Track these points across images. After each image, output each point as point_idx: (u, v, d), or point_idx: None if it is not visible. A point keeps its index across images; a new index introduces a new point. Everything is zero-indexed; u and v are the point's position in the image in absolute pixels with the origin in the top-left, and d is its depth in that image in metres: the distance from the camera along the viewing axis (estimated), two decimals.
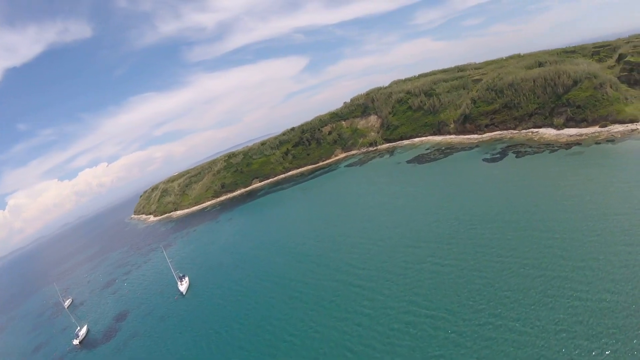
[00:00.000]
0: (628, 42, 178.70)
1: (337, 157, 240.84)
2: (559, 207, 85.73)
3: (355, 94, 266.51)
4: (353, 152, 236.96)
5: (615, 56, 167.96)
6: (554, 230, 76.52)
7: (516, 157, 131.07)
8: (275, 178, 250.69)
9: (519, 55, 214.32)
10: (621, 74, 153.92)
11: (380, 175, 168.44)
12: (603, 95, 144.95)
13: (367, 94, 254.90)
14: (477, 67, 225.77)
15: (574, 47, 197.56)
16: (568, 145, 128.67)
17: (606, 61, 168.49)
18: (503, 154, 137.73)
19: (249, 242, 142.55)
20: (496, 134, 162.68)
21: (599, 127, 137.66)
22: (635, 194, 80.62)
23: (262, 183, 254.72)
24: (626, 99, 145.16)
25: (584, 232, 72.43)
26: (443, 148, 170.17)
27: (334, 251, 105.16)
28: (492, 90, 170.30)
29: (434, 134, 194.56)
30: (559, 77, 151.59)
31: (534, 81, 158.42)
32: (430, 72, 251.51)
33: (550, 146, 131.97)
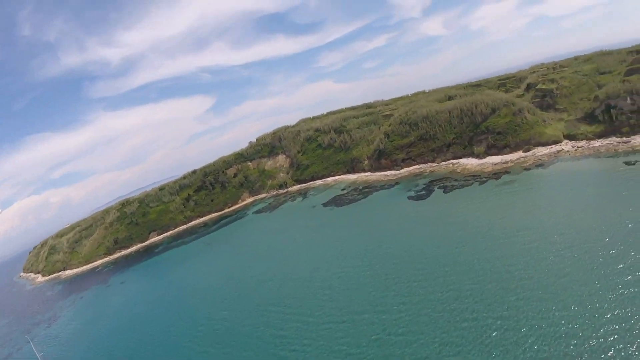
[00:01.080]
0: (533, 72, 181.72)
1: (244, 202, 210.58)
2: (497, 245, 74.12)
3: (260, 135, 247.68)
4: (262, 195, 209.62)
5: (524, 85, 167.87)
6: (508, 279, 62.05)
7: (444, 192, 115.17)
8: (176, 230, 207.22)
9: (424, 92, 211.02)
10: (533, 100, 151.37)
11: (294, 223, 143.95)
12: (522, 119, 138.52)
13: (274, 132, 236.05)
14: (385, 103, 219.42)
15: (479, 80, 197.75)
16: (496, 174, 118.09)
17: (513, 91, 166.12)
18: (428, 189, 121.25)
19: (143, 314, 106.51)
20: (414, 168, 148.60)
21: (523, 151, 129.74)
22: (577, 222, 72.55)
23: (161, 236, 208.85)
24: (544, 121, 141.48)
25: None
26: (360, 187, 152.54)
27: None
28: (405, 123, 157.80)
29: (348, 172, 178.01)
30: (476, 107, 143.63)
31: (449, 112, 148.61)
32: (338, 109, 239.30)
33: (477, 177, 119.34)
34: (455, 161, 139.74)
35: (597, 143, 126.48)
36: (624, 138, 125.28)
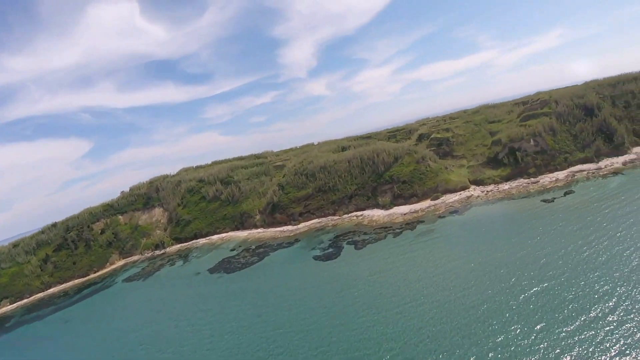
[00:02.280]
0: (423, 124, 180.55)
1: (113, 266, 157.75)
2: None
3: (135, 184, 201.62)
4: (134, 257, 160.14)
5: (415, 136, 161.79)
6: None
7: (355, 248, 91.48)
8: (32, 298, 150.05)
9: (312, 144, 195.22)
10: (430, 149, 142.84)
11: (172, 298, 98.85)
12: (426, 167, 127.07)
13: (151, 182, 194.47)
14: (275, 154, 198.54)
15: (369, 133, 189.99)
16: (410, 224, 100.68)
17: (405, 142, 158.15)
18: (337, 246, 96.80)
19: None
20: (314, 222, 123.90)
21: (432, 200, 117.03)
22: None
23: (14, 305, 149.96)
24: (446, 168, 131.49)
25: None
26: (253, 247, 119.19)
27: None
28: (301, 174, 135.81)
29: (237, 228, 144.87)
30: (377, 156, 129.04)
31: (349, 162, 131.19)
32: (224, 159, 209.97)
33: (389, 229, 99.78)
34: (359, 213, 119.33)
35: (506, 186, 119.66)
36: (532, 178, 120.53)
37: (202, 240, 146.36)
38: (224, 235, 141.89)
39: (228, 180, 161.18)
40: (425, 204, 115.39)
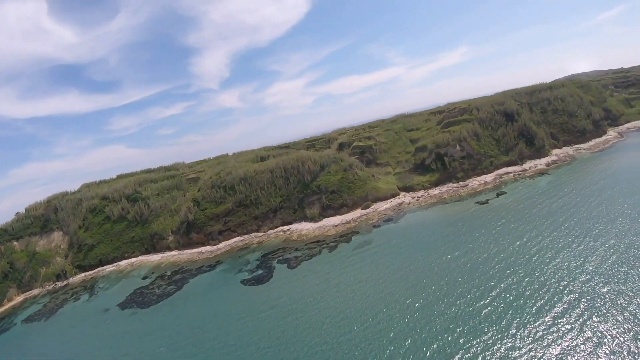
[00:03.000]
0: (342, 133, 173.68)
1: (11, 303, 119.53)
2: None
3: (31, 204, 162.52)
4: (35, 291, 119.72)
5: (335, 145, 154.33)
6: None
7: (288, 267, 77.55)
8: None
9: (227, 155, 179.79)
10: (353, 157, 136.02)
11: (79, 342, 74.08)
12: (354, 176, 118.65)
13: (49, 201, 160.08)
14: (188, 165, 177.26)
15: (287, 143, 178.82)
16: (345, 236, 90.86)
17: (325, 151, 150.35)
18: (266, 266, 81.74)
19: None
20: (237, 241, 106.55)
21: (362, 209, 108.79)
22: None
23: None
24: (373, 175, 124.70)
25: None
26: (169, 273, 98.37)
27: None
28: (219, 187, 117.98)
29: (148, 252, 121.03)
30: (302, 165, 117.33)
31: (271, 172, 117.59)
32: (131, 172, 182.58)
33: (322, 243, 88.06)
34: (286, 228, 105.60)
35: (436, 191, 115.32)
36: (461, 182, 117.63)
37: (109, 268, 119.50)
38: (133, 260, 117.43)
39: (135, 197, 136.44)
40: (357, 213, 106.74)
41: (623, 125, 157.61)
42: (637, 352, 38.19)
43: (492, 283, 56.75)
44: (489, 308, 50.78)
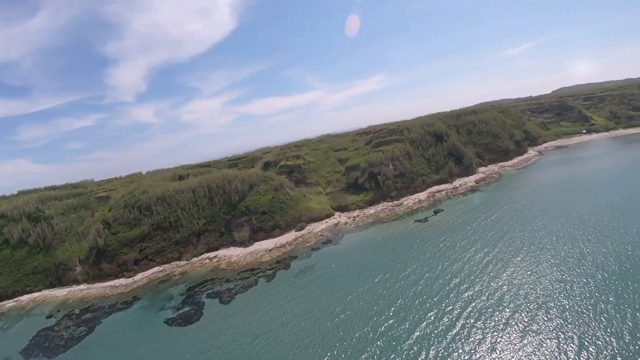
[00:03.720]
0: (267, 152, 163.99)
1: None
2: None
3: None
4: None
5: (260, 164, 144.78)
6: None
7: (221, 301, 64.20)
8: None
9: (140, 174, 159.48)
10: (281, 176, 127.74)
11: None
12: (286, 196, 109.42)
13: None
14: (97, 183, 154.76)
15: (207, 162, 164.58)
16: (281, 262, 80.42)
17: (249, 170, 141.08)
18: (194, 302, 67.18)
19: None
20: (156, 271, 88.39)
21: (296, 230, 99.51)
22: None
23: None
24: (304, 195, 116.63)
25: None
26: (77, 311, 77.93)
27: None
28: (133, 207, 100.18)
29: (53, 285, 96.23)
30: (229, 184, 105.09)
31: (193, 192, 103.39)
32: (33, 189, 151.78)
33: (257, 271, 76.12)
34: (212, 254, 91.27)
35: (372, 210, 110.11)
36: (395, 201, 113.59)
37: (8, 304, 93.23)
38: (36, 295, 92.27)
39: (37, 216, 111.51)
40: (292, 235, 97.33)
41: (542, 145, 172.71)
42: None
43: (448, 304, 53.26)
44: (454, 329, 47.46)
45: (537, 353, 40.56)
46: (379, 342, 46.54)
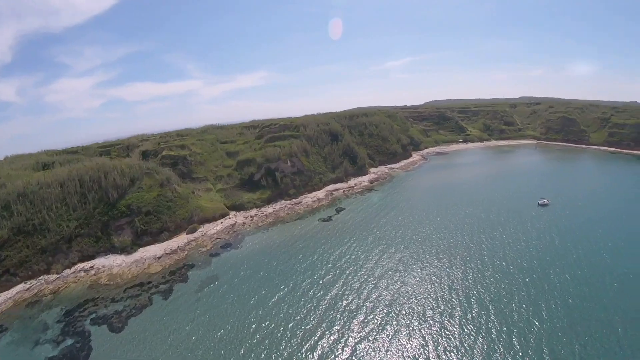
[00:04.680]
0: (145, 140, 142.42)
1: None
2: None
3: None
4: None
5: (137, 154, 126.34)
6: None
7: (111, 329, 50.16)
8: None
9: None
10: (164, 169, 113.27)
11: None
12: (174, 193, 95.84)
13: None
14: None
15: (74, 147, 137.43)
16: (175, 273, 68.93)
17: (124, 159, 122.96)
18: (77, 333, 50.64)
19: None
20: (21, 290, 66.11)
21: (188, 233, 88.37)
22: None
23: None
24: (193, 192, 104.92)
25: None
26: None
27: None
28: None
29: None
30: (106, 176, 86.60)
31: (62, 185, 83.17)
32: None
33: (148, 286, 63.21)
34: (89, 264, 73.61)
35: (270, 209, 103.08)
36: (294, 199, 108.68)
37: None
38: None
39: None
40: (183, 239, 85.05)
41: (424, 150, 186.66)
42: None
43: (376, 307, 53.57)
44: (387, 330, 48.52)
45: None
46: None
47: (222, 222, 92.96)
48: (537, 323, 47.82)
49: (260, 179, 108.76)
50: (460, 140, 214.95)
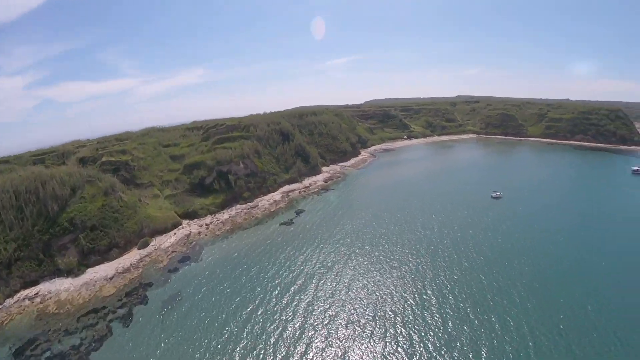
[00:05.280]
0: (82, 146, 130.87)
1: None
2: None
3: None
4: None
5: (73, 160, 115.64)
6: None
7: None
8: None
9: None
10: (105, 175, 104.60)
11: None
12: (120, 202, 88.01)
13: None
14: None
15: (7, 157, 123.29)
16: (134, 295, 63.07)
17: (60, 167, 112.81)
18: None
19: None
20: None
21: (139, 248, 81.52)
22: None
23: None
24: (140, 200, 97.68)
25: None
26: None
27: None
28: None
29: None
30: (44, 186, 77.13)
31: None
32: None
33: (104, 312, 57.13)
34: (32, 291, 64.59)
35: (225, 215, 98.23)
36: (250, 203, 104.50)
37: None
38: None
39: None
40: (135, 255, 77.91)
41: (371, 147, 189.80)
42: None
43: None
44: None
45: None
46: None
47: (175, 233, 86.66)
48: (512, 305, 53.36)
49: (212, 183, 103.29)
50: (405, 137, 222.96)
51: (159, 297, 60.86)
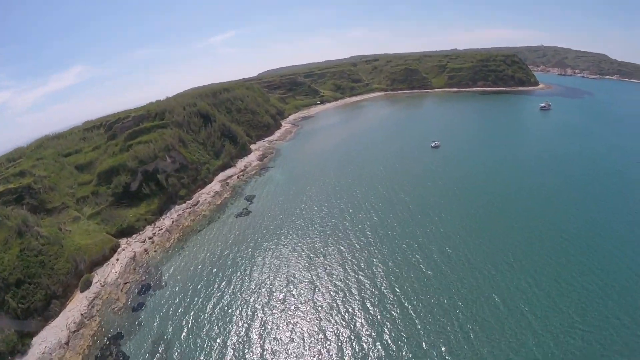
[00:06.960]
0: None
1: None
2: None
3: None
4: None
5: None
6: None
7: None
8: None
9: None
10: (10, 209, 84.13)
11: None
12: (40, 240, 68.26)
13: None
14: None
15: None
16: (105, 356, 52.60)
17: None
18: None
19: None
20: None
21: (82, 291, 66.38)
22: None
23: None
24: (61, 230, 79.62)
25: None
26: None
27: None
28: None
29: None
30: None
31: None
32: None
33: None
34: None
35: (167, 221, 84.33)
36: (189, 201, 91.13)
37: None
38: None
39: None
40: (81, 302, 61.40)
41: (288, 117, 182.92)
42: None
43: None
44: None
45: None
46: None
47: (117, 259, 71.84)
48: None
49: (141, 187, 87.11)
50: (319, 102, 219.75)
51: (139, 350, 50.50)
